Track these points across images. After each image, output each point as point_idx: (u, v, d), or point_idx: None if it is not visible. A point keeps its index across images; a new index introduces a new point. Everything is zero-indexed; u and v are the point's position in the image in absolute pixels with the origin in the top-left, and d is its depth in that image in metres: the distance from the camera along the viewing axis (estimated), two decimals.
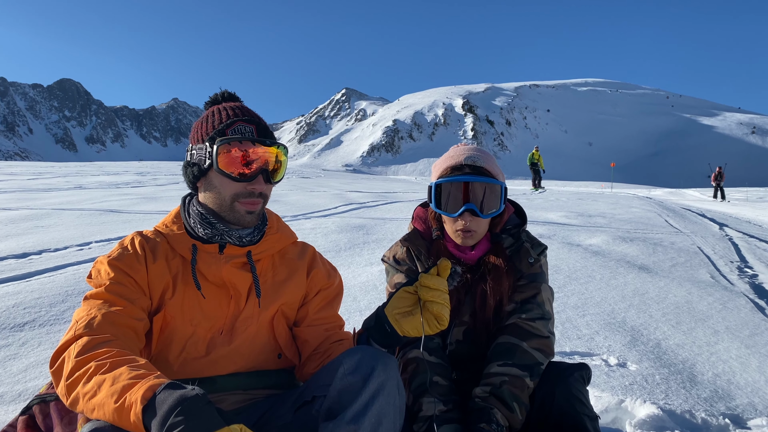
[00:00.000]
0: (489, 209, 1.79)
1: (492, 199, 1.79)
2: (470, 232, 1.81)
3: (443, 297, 1.45)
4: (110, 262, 1.54)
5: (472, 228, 1.80)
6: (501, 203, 1.80)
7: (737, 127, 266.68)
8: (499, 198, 1.80)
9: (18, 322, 3.24)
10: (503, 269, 1.84)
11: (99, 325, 1.37)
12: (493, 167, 1.83)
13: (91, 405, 1.18)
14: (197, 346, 1.56)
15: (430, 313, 1.45)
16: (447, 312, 1.45)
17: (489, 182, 1.79)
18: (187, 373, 1.54)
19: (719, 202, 20.98)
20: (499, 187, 1.80)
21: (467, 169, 1.81)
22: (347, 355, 1.41)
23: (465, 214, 1.78)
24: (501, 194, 1.80)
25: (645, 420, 2.35)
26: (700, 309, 4.07)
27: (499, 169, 1.87)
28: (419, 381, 1.74)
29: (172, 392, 1.08)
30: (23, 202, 10.06)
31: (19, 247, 5.44)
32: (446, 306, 1.45)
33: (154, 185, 16.91)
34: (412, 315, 1.48)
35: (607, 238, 7.37)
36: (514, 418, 1.66)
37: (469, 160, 1.82)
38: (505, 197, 1.83)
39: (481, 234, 1.85)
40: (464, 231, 1.81)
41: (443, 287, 1.46)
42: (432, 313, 1.45)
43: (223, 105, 1.65)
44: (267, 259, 1.72)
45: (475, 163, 1.81)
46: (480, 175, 1.79)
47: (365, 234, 6.96)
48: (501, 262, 1.85)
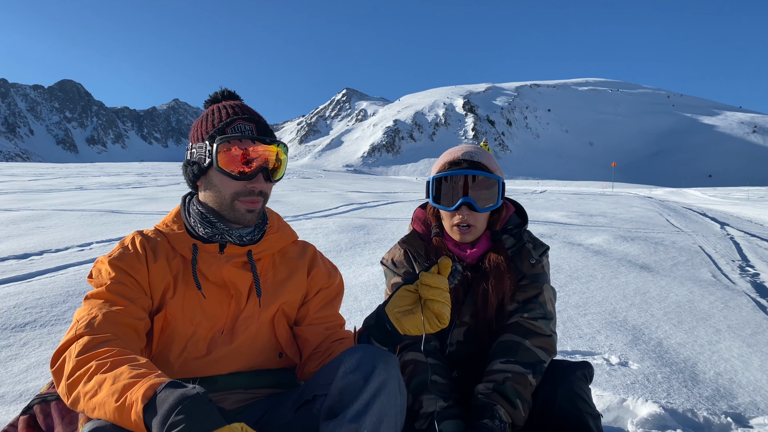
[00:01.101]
0: (486, 203, 1.80)
1: (489, 193, 1.81)
2: (468, 227, 1.82)
3: (444, 295, 1.45)
4: (111, 261, 1.53)
5: (470, 222, 1.81)
6: (498, 198, 1.81)
7: (738, 126, 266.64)
8: (496, 192, 1.81)
9: (19, 323, 3.24)
10: (504, 268, 1.83)
11: (100, 324, 1.37)
12: (490, 163, 1.85)
13: (92, 404, 1.18)
14: (198, 346, 1.56)
15: (431, 312, 1.45)
16: (448, 310, 1.45)
17: (486, 176, 1.80)
18: (188, 372, 1.54)
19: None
20: (496, 181, 1.81)
21: (465, 164, 1.82)
22: (348, 354, 1.41)
23: (462, 208, 1.80)
24: (498, 189, 1.81)
25: (647, 419, 2.34)
26: (702, 308, 4.06)
27: (497, 165, 1.89)
28: (418, 380, 1.74)
29: (172, 391, 1.08)
30: (24, 203, 10.07)
31: (20, 247, 5.45)
32: (447, 304, 1.45)
33: (154, 186, 16.93)
34: (412, 313, 1.47)
35: (608, 237, 7.37)
36: (517, 415, 1.66)
37: (466, 155, 1.84)
38: (503, 193, 1.84)
39: (479, 230, 1.85)
40: (461, 226, 1.82)
41: (444, 285, 1.46)
42: (433, 312, 1.44)
43: (222, 103, 1.65)
44: (267, 258, 1.72)
45: (473, 158, 1.82)
46: (477, 170, 1.80)
47: (366, 234, 6.96)
48: (502, 260, 1.84)
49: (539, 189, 32.87)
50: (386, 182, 32.62)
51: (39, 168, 30.72)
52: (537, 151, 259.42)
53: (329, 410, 1.34)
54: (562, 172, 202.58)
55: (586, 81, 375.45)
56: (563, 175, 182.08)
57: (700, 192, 30.93)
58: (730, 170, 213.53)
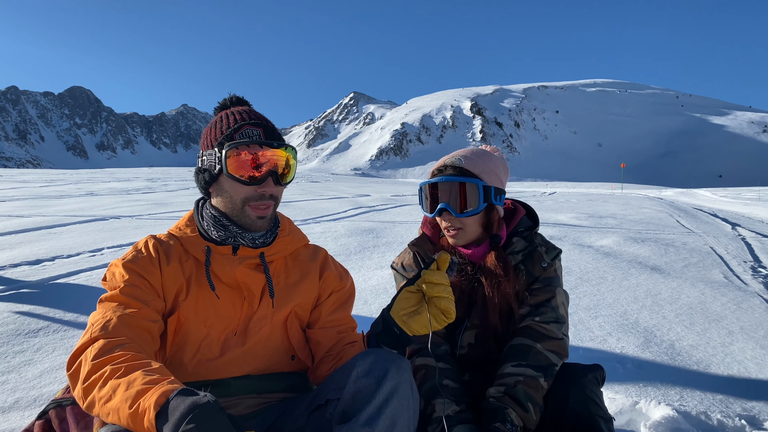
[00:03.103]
0: (465, 208, 1.79)
1: (468, 198, 1.78)
2: (456, 231, 1.82)
3: (447, 290, 1.46)
4: (125, 264, 1.55)
5: (456, 226, 1.82)
6: (480, 202, 1.78)
7: (748, 126, 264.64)
8: (476, 197, 1.78)
9: (32, 328, 3.27)
10: (502, 273, 1.82)
11: (114, 327, 1.38)
12: (477, 167, 1.81)
13: (106, 409, 1.19)
14: (211, 348, 1.57)
15: (437, 308, 1.46)
16: (453, 304, 1.46)
17: (462, 181, 1.78)
18: (201, 374, 1.55)
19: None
20: (475, 185, 1.78)
21: (449, 170, 1.82)
22: (360, 358, 1.41)
23: (444, 214, 1.81)
24: (479, 193, 1.78)
25: (660, 422, 2.32)
26: (714, 309, 4.03)
27: (490, 168, 1.84)
28: (429, 385, 1.74)
29: (184, 399, 1.09)
30: (36, 209, 10.16)
31: (32, 253, 5.50)
32: (451, 298, 1.46)
33: (164, 191, 17.03)
34: (418, 314, 1.49)
35: (618, 239, 7.34)
36: (529, 418, 1.65)
37: (450, 161, 1.83)
38: (486, 195, 1.80)
39: (470, 233, 1.84)
40: (449, 230, 1.83)
41: (446, 281, 1.47)
42: (439, 308, 1.46)
43: (231, 110, 1.66)
44: (280, 260, 1.73)
45: (455, 164, 1.81)
46: (459, 176, 1.80)
47: (375, 237, 6.97)
48: (498, 265, 1.83)
49: (548, 191, 32.75)
50: (394, 185, 32.62)
51: (50, 174, 31.00)
52: (545, 152, 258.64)
53: (342, 414, 1.35)
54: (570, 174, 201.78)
55: (594, 82, 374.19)
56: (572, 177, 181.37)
57: (711, 192, 30.71)
58: (740, 170, 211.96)
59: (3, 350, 2.96)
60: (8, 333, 3.18)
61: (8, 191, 15.09)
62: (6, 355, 2.90)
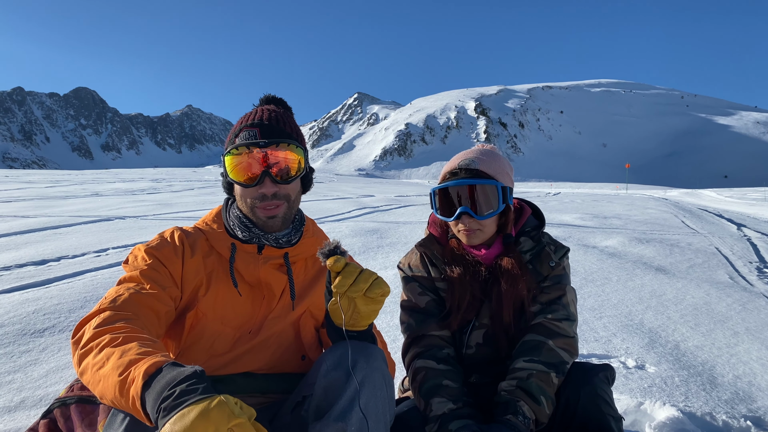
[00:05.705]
0: (485, 210, 1.80)
1: (488, 200, 1.80)
2: (472, 231, 1.83)
3: (358, 287, 1.34)
4: (148, 249, 1.58)
5: (473, 227, 1.82)
6: (499, 203, 1.81)
7: (754, 126, 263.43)
8: (496, 198, 1.80)
9: (38, 328, 3.28)
10: (518, 272, 1.83)
11: (124, 302, 1.40)
12: (490, 168, 1.83)
13: (97, 377, 1.18)
14: (224, 344, 1.59)
15: (367, 300, 1.38)
16: (375, 285, 1.36)
17: (482, 183, 1.79)
18: (210, 368, 1.56)
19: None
20: (494, 187, 1.80)
21: (462, 173, 1.83)
22: (329, 352, 1.41)
23: (463, 217, 1.81)
24: (498, 194, 1.80)
25: (665, 422, 2.32)
26: (719, 310, 4.02)
27: (502, 168, 1.86)
28: (429, 385, 1.74)
29: (171, 369, 1.09)
30: (41, 209, 10.20)
31: (38, 254, 5.52)
32: (370, 286, 1.35)
33: (169, 192, 17.07)
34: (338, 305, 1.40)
35: (623, 239, 7.32)
36: (541, 411, 1.65)
37: (464, 163, 1.84)
38: (504, 196, 1.83)
39: (487, 233, 1.86)
40: (466, 231, 1.83)
41: (349, 277, 1.35)
42: (368, 298, 1.37)
43: (248, 112, 1.69)
44: (301, 261, 1.75)
45: (469, 166, 1.82)
46: (475, 178, 1.80)
47: (379, 238, 6.97)
48: (515, 264, 1.84)
49: (553, 191, 32.71)
50: (398, 186, 32.63)
51: (55, 175, 31.12)
52: (550, 153, 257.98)
53: (316, 410, 1.35)
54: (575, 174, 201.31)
55: (598, 82, 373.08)
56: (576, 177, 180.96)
57: (716, 193, 30.58)
58: (746, 171, 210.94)
59: (9, 350, 2.97)
60: (14, 333, 3.19)
61: (14, 192, 15.14)
62: (12, 355, 2.92)
